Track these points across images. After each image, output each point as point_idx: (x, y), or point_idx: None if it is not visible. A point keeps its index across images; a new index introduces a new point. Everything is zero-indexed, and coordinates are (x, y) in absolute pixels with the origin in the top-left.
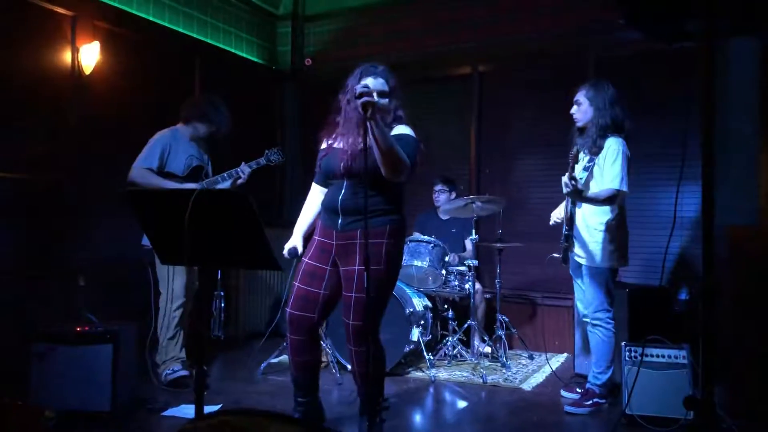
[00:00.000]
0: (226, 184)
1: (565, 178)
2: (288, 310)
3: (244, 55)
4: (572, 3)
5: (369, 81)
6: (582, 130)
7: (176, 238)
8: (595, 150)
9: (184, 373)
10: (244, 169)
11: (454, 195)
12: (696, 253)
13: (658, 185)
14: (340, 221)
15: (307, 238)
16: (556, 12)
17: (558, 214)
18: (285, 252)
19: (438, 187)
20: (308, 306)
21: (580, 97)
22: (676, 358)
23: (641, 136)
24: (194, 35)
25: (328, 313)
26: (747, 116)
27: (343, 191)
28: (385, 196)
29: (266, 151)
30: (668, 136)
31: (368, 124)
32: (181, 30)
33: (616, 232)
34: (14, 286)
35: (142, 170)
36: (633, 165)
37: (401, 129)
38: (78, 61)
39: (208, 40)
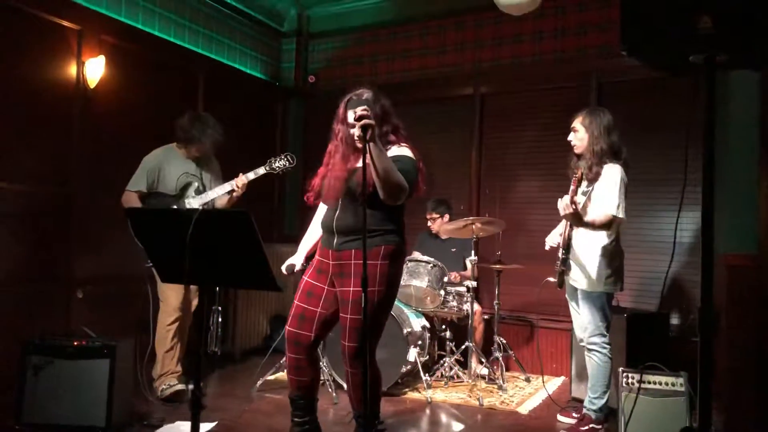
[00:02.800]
0: (222, 199)
1: (564, 200)
2: (286, 327)
3: (248, 71)
4: (575, 28)
5: (350, 114)
6: (580, 156)
7: (176, 256)
8: (592, 176)
9: (180, 387)
10: (239, 181)
11: (447, 217)
12: (694, 279)
13: (657, 210)
14: (335, 241)
15: (311, 256)
16: (558, 36)
17: (553, 239)
18: (283, 268)
19: (430, 216)
20: (306, 324)
21: (576, 124)
22: (673, 385)
23: (641, 161)
24: (199, 50)
25: (326, 332)
26: (747, 145)
27: (338, 211)
28: (381, 216)
29: (270, 158)
30: (668, 161)
31: (368, 146)
32: (186, 45)
33: (612, 257)
34: (13, 298)
35: (129, 194)
36: (631, 190)
37: (397, 151)
38: (83, 75)
39: (213, 56)
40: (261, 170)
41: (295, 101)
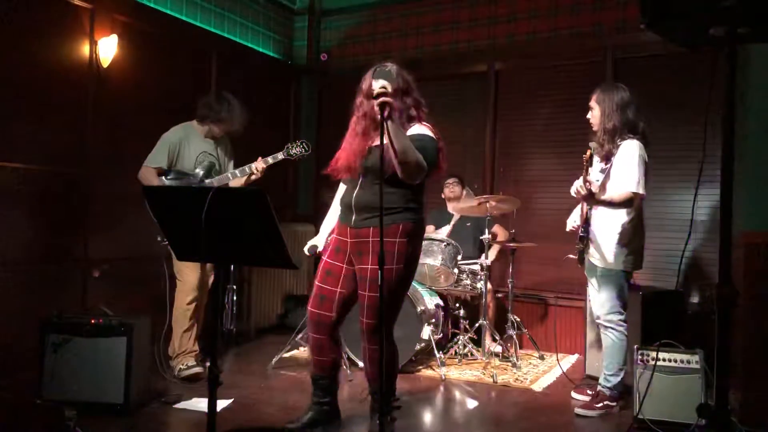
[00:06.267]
0: (239, 181)
1: (578, 183)
2: (308, 308)
3: (261, 49)
4: (591, 3)
5: (374, 83)
6: (597, 134)
7: (192, 235)
8: (605, 153)
9: (198, 369)
10: (258, 165)
11: (464, 192)
12: (710, 257)
13: (673, 187)
14: (353, 218)
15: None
16: (574, 12)
17: (574, 220)
18: (306, 249)
19: (451, 180)
20: (326, 304)
21: (592, 101)
22: (688, 363)
23: (658, 138)
24: (211, 29)
25: (346, 311)
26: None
27: (357, 188)
28: (400, 195)
29: (287, 145)
30: (685, 138)
31: (385, 124)
32: (198, 24)
33: (631, 235)
34: (30, 277)
35: (147, 169)
36: (650, 167)
37: (417, 129)
38: (96, 54)
39: (225, 34)
40: (279, 155)
41: (308, 79)
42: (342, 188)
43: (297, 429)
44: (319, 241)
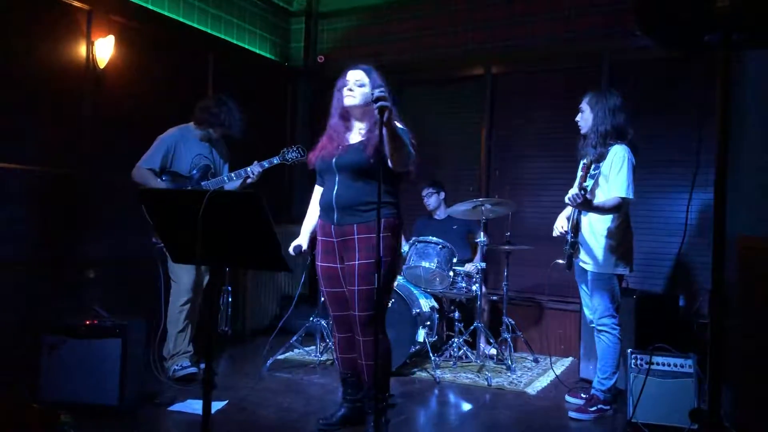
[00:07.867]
0: (234, 184)
1: (573, 190)
2: (331, 313)
3: (258, 51)
4: (587, 7)
5: (350, 73)
6: (585, 137)
7: (187, 237)
8: (597, 157)
9: (193, 370)
10: (254, 169)
11: (443, 195)
12: (703, 261)
13: (666, 191)
14: (336, 216)
15: (314, 236)
16: (571, 16)
17: (561, 225)
18: (291, 249)
19: (426, 191)
20: (343, 305)
21: (583, 104)
22: (682, 367)
23: (653, 141)
24: (208, 30)
25: None
26: (762, 125)
27: (336, 187)
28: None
29: (283, 150)
30: (679, 142)
31: (386, 127)
32: (195, 25)
33: (621, 238)
34: (25, 278)
35: (142, 170)
36: (639, 171)
37: (398, 124)
38: (93, 55)
39: (222, 36)
40: (275, 160)
41: (305, 81)
42: (318, 190)
43: (329, 425)
44: (303, 241)
